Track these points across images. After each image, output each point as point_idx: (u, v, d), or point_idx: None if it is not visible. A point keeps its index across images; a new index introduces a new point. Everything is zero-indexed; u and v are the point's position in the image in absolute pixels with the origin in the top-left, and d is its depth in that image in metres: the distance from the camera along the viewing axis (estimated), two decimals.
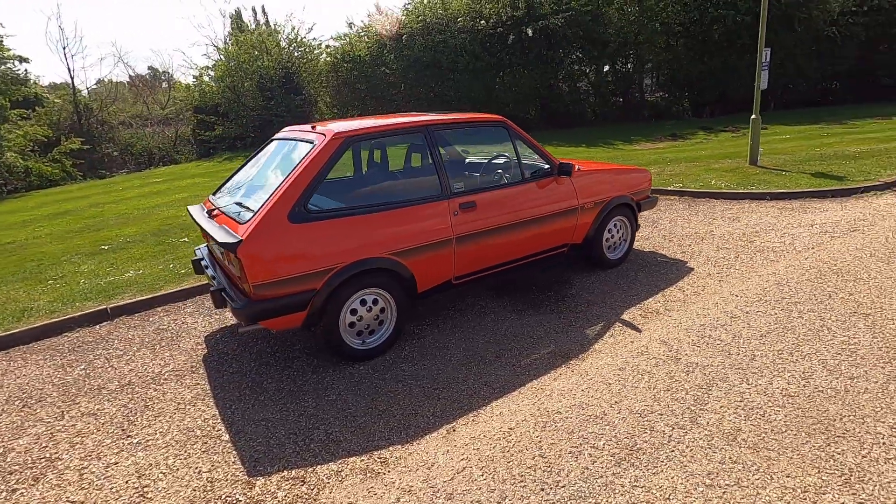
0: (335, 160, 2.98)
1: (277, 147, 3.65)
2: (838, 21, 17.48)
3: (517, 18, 16.52)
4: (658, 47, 17.67)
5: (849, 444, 2.16)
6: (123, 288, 4.63)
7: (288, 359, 3.26)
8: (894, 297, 3.45)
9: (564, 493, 2.01)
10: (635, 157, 10.98)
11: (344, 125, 3.22)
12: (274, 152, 3.62)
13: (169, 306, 4.33)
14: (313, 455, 2.36)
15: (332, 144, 2.98)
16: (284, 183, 2.85)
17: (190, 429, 2.62)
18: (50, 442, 2.60)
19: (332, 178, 3.22)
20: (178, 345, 3.59)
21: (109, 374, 3.25)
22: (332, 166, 2.97)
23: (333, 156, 2.97)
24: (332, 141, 2.99)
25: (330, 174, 3.06)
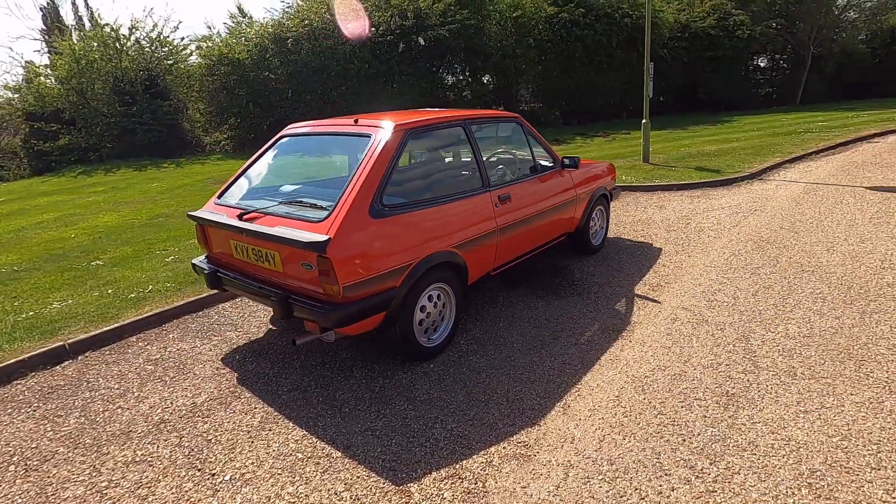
0: (401, 153, 2.88)
1: (305, 143, 3.39)
2: (668, 45, 20.84)
3: (406, 28, 16.82)
4: (532, 61, 19.33)
5: (872, 365, 2.73)
6: (62, 322, 3.84)
7: (343, 368, 3.04)
8: (821, 256, 4.36)
9: (704, 438, 2.25)
10: None
11: (396, 118, 3.11)
12: (305, 149, 3.36)
13: (143, 334, 3.70)
14: (449, 452, 2.28)
15: (397, 137, 2.88)
16: (357, 178, 2.68)
17: (286, 453, 2.33)
18: (105, 501, 2.12)
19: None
20: (192, 373, 3.11)
21: (125, 416, 2.71)
22: (398, 159, 2.86)
23: (399, 148, 2.86)
24: (397, 133, 2.89)
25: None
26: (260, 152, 3.50)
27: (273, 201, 3.03)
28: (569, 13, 18.55)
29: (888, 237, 4.76)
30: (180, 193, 9.40)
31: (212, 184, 9.98)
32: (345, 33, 16.43)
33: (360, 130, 3.03)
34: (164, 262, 5.16)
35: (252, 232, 2.76)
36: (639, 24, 19.23)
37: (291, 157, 3.50)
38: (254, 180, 3.40)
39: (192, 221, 3.26)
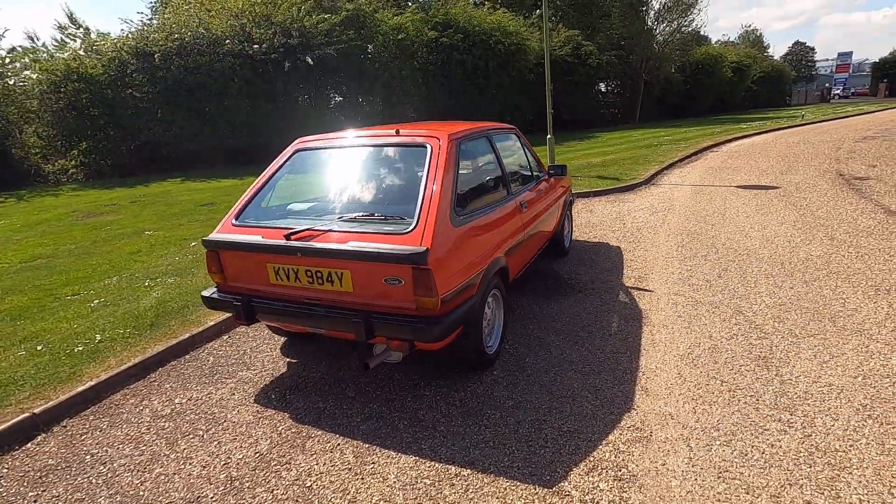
0: (458, 162, 2.86)
1: (326, 156, 3.16)
2: (534, 70, 22.99)
3: (291, 46, 16.25)
4: (417, 83, 19.91)
5: (841, 320, 3.39)
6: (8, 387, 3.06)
7: (404, 389, 2.88)
8: (744, 242, 5.23)
9: (770, 395, 2.60)
10: None
11: (439, 127, 3.07)
12: (328, 162, 3.14)
13: (128, 390, 3.10)
14: (574, 448, 2.32)
15: (453, 146, 2.85)
16: (433, 187, 2.59)
17: (411, 482, 2.17)
18: None
19: None
20: (230, 421, 2.70)
21: (177, 483, 2.26)
22: (458, 168, 2.84)
23: (457, 157, 2.84)
24: (452, 143, 2.86)
25: None
26: (274, 169, 3.19)
27: (324, 218, 2.79)
28: (448, 38, 19.53)
29: (779, 223, 5.87)
30: (47, 230, 7.90)
31: (82, 217, 8.56)
32: None
33: (413, 140, 2.95)
34: (88, 308, 4.34)
35: (315, 251, 2.52)
36: (510, 49, 21.00)
37: (314, 172, 3.24)
38: (278, 198, 3.09)
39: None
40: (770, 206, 6.68)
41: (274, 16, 16.50)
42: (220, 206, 8.92)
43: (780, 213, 6.28)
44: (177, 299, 4.43)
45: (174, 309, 4.22)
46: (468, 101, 20.75)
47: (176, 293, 4.59)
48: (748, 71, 32.90)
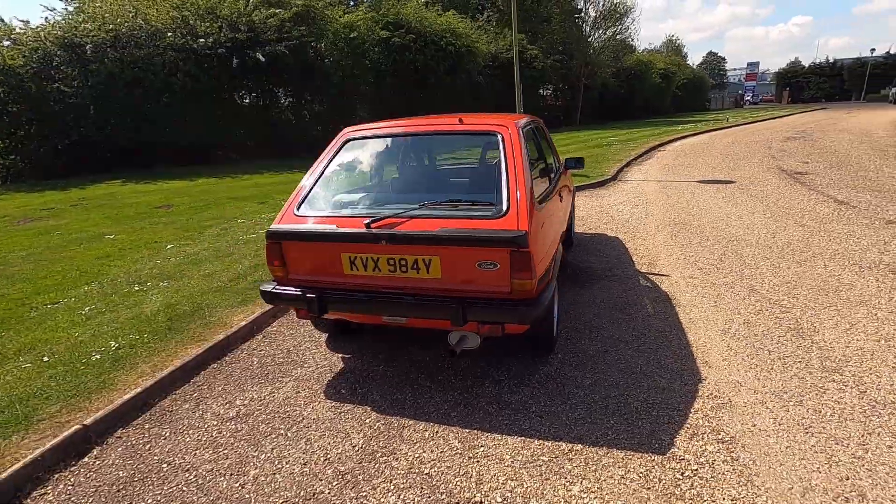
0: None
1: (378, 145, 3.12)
2: (483, 72, 23.44)
3: (240, 41, 15.54)
4: (369, 82, 19.68)
5: (845, 292, 3.78)
6: (17, 409, 2.75)
7: (471, 377, 2.90)
8: (728, 230, 5.66)
9: (815, 361, 2.87)
10: None
11: (500, 118, 3.11)
12: (397, 149, 3.09)
13: (175, 395, 2.88)
14: (668, 417, 2.44)
15: (521, 135, 2.90)
16: (516, 172, 2.63)
17: (530, 461, 2.19)
18: None
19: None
20: (307, 418, 2.59)
21: (282, 481, 2.15)
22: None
23: (526, 146, 2.90)
24: (519, 131, 2.91)
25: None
26: (327, 159, 3.08)
27: (398, 205, 2.74)
28: (400, 38, 19.45)
29: (750, 212, 6.41)
30: None
31: (18, 223, 7.77)
32: None
33: (483, 129, 2.98)
34: (81, 316, 4.00)
35: (403, 238, 2.48)
36: (461, 51, 21.25)
37: (369, 161, 3.17)
38: (341, 187, 2.99)
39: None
40: (735, 198, 7.26)
41: (219, 9, 15.72)
42: (180, 208, 8.44)
43: (747, 204, 6.85)
44: (184, 303, 4.16)
45: (186, 312, 3.95)
46: (419, 101, 20.78)
47: (180, 296, 4.30)
48: (674, 78, 35.40)
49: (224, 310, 3.96)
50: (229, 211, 8.34)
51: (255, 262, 5.13)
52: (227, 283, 4.61)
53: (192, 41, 15.12)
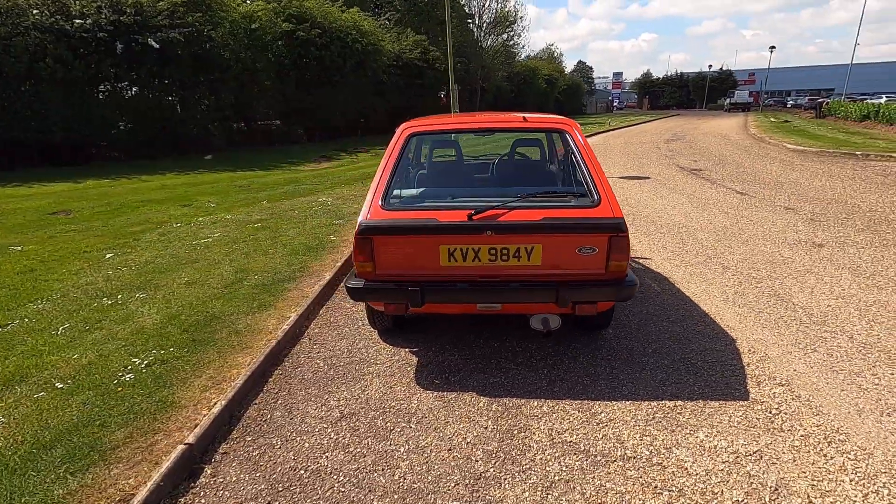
0: None
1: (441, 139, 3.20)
2: (387, 71, 23.45)
3: (123, 24, 13.84)
4: (272, 77, 18.68)
5: (823, 265, 4.64)
6: (80, 440, 2.43)
7: (556, 355, 3.13)
8: (675, 217, 6.52)
9: (819, 312, 3.56)
10: (330, 175, 12.09)
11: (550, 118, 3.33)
12: (468, 144, 3.16)
13: (256, 405, 2.71)
14: (729, 371, 2.89)
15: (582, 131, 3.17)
16: (592, 164, 2.89)
17: (650, 420, 2.48)
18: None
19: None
20: (417, 412, 2.61)
21: (429, 471, 2.19)
22: None
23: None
24: (579, 128, 3.17)
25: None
26: (397, 153, 3.07)
27: (488, 198, 2.86)
28: (305, 32, 18.76)
29: (678, 203, 7.41)
30: None
31: None
32: None
33: (549, 126, 3.19)
34: (60, 337, 3.53)
35: (510, 227, 2.61)
36: (367, 49, 21.07)
37: (437, 155, 3.22)
38: (419, 181, 3.00)
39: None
40: (659, 192, 8.32)
41: None
42: (83, 214, 7.58)
43: (672, 197, 7.90)
44: (188, 313, 3.81)
45: (199, 322, 3.64)
46: (325, 98, 20.24)
47: (178, 307, 3.92)
48: (556, 83, 38.52)
49: (245, 316, 3.71)
50: (152, 215, 7.57)
51: (236, 267, 4.80)
52: (223, 290, 4.27)
53: (63, 21, 13.15)
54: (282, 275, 4.59)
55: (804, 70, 63.79)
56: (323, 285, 4.17)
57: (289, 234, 6.10)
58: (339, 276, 4.60)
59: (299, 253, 5.26)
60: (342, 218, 6.85)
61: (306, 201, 8.25)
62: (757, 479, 2.07)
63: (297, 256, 5.15)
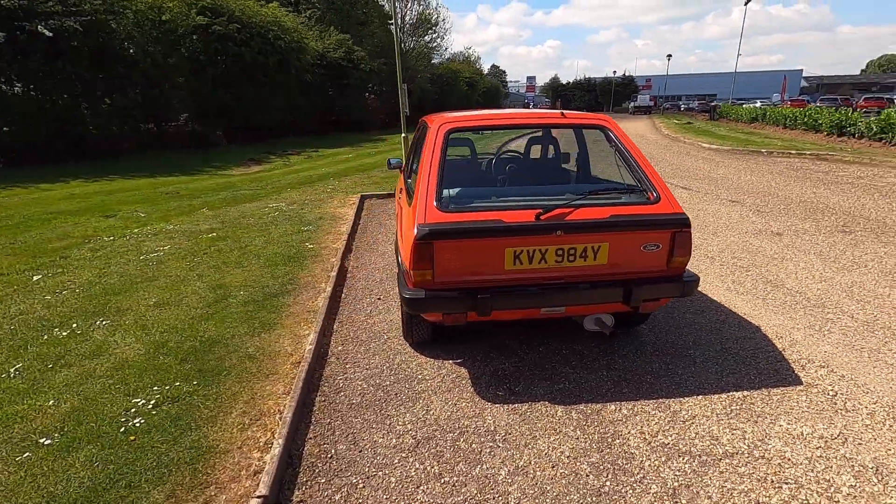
0: None
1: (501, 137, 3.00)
2: (312, 70, 22.55)
3: (6, 9, 12.01)
4: (187, 74, 17.19)
5: (802, 245, 5.00)
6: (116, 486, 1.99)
7: (603, 356, 3.07)
8: None
9: (813, 294, 3.82)
10: (268, 179, 11.40)
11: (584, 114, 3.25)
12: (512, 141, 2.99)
13: (314, 438, 2.36)
14: (772, 357, 2.99)
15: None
16: (644, 162, 2.86)
17: (723, 413, 2.49)
18: None
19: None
20: (500, 423, 2.42)
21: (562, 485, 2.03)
22: None
23: None
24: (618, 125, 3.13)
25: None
26: (438, 152, 2.83)
27: (545, 196, 2.72)
28: (221, 26, 17.50)
29: None
30: None
31: None
32: None
33: (590, 123, 3.11)
34: (24, 378, 2.95)
35: (580, 226, 2.50)
36: (291, 46, 20.11)
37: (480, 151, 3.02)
38: (467, 180, 2.78)
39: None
40: None
41: None
42: None
43: None
44: (176, 339, 3.31)
45: (196, 349, 3.17)
46: (246, 98, 19.04)
47: (159, 333, 3.41)
48: (477, 86, 39.27)
49: (251, 338, 3.28)
50: (71, 228, 6.67)
51: (209, 283, 4.29)
52: (207, 309, 3.77)
53: None
54: (271, 289, 4.14)
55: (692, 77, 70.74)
56: (327, 298, 3.80)
57: (255, 243, 5.56)
58: (338, 287, 4.24)
59: (279, 264, 4.80)
60: (310, 224, 6.38)
61: (254, 208, 7.61)
62: (856, 462, 2.13)
63: (279, 268, 4.68)
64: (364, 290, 4.26)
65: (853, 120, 14.50)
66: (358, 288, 4.31)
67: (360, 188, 9.18)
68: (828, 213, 6.46)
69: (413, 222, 2.55)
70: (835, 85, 63.49)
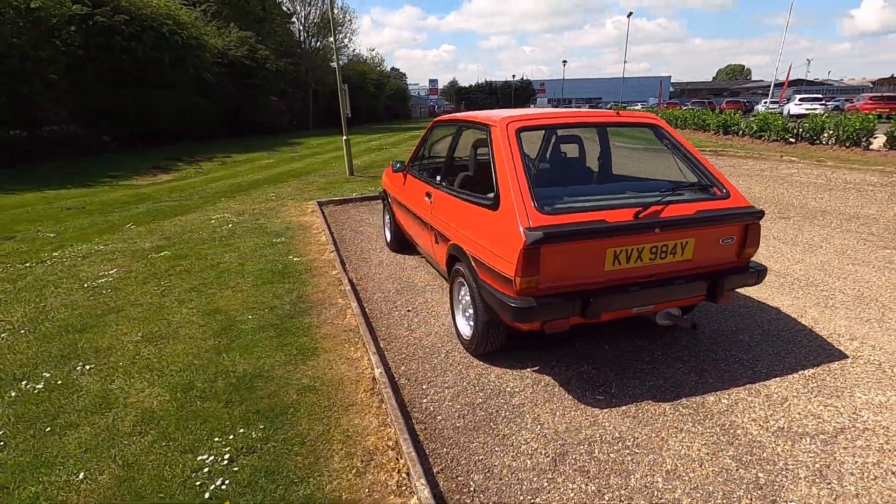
0: None
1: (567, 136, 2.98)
2: (211, 69, 20.79)
3: None
4: (62, 70, 14.94)
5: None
6: None
7: (668, 350, 3.13)
8: None
9: (806, 284, 4.23)
10: (188, 189, 10.41)
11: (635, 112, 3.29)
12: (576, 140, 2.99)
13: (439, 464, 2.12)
14: (810, 337, 3.25)
15: None
16: (701, 158, 2.95)
17: (781, 399, 2.65)
18: None
19: None
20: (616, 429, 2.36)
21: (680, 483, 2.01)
22: None
23: None
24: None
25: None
26: (515, 151, 2.71)
27: (628, 193, 2.72)
28: (105, 17, 15.49)
29: None
30: None
31: None
32: None
33: (640, 121, 3.16)
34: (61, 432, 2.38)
35: (676, 223, 2.52)
36: (189, 43, 18.42)
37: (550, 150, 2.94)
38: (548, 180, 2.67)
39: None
40: None
41: None
42: None
43: None
44: (200, 377, 2.86)
45: (236, 386, 2.76)
46: (140, 98, 17.07)
47: (174, 371, 2.92)
48: (384, 88, 38.81)
49: (294, 367, 2.91)
50: None
51: (199, 309, 3.80)
52: (219, 339, 3.30)
53: None
54: (282, 310, 3.70)
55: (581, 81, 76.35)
56: (359, 315, 3.47)
57: (227, 260, 4.95)
58: (363, 302, 3.90)
59: (273, 281, 4.31)
60: (280, 235, 5.82)
61: (196, 221, 6.80)
62: None
63: (275, 285, 4.21)
64: (384, 302, 3.96)
65: (736, 120, 16.55)
66: (376, 301, 3.99)
67: (307, 195, 8.60)
68: (760, 202, 7.25)
69: (506, 227, 2.43)
70: (694, 90, 72.39)
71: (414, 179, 4.18)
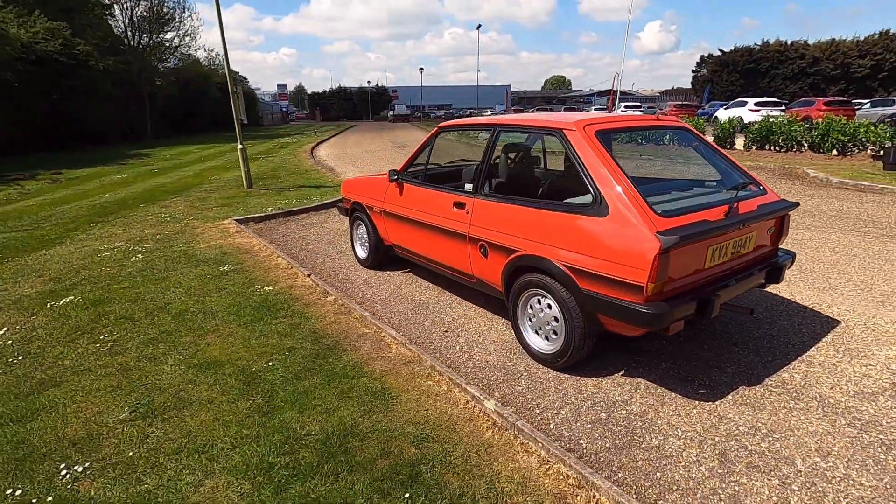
0: None
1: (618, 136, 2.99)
2: (12, 65, 16.90)
3: None
4: None
5: None
6: None
7: (718, 343, 3.35)
8: None
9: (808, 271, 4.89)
10: (28, 215, 8.50)
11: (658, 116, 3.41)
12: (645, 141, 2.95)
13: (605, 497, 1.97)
14: (831, 324, 3.77)
15: None
16: (733, 159, 3.22)
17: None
18: None
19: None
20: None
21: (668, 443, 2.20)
22: None
23: None
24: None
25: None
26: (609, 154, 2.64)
27: (710, 190, 2.84)
28: None
29: None
30: None
31: None
32: None
33: (677, 124, 3.28)
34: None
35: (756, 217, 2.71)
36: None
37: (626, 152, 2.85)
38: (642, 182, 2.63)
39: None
40: None
41: None
42: None
43: None
44: (279, 463, 2.31)
45: (300, 467, 2.27)
46: None
47: (231, 458, 2.32)
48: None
49: (395, 416, 2.49)
50: None
51: (190, 366, 3.07)
52: (250, 401, 2.72)
53: None
54: (304, 350, 3.15)
55: (434, 88, 78.83)
56: (408, 343, 3.09)
57: (173, 299, 4.06)
58: (398, 330, 3.46)
59: (262, 318, 3.64)
60: (222, 264, 4.92)
61: (76, 254, 5.48)
62: None
63: (267, 323, 3.56)
64: (411, 325, 3.57)
65: None
66: (402, 325, 3.58)
67: (212, 213, 7.42)
68: None
69: (624, 233, 2.39)
70: (530, 98, 79.92)
71: (423, 189, 3.86)
